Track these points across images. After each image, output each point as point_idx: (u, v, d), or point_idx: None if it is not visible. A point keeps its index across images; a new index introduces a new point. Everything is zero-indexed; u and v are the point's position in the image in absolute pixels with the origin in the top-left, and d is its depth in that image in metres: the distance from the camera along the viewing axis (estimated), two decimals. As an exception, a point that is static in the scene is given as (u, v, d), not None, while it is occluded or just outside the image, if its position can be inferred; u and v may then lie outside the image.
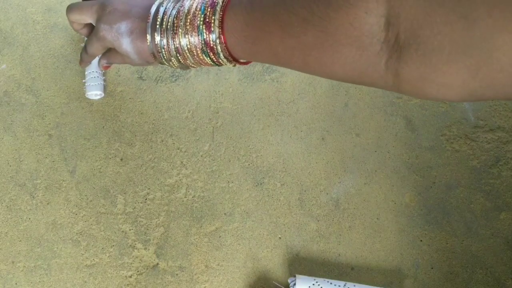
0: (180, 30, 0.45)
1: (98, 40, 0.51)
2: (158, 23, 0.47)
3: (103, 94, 0.63)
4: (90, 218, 0.58)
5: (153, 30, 0.47)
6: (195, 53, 0.46)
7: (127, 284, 0.55)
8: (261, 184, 0.60)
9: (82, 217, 0.58)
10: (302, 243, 0.57)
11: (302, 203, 0.59)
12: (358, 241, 0.58)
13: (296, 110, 0.64)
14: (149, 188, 0.60)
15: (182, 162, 0.61)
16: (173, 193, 0.59)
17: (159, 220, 0.58)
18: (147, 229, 0.58)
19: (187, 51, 0.46)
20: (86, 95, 0.62)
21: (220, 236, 0.58)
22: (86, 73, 0.63)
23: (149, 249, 0.57)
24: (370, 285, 0.55)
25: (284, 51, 0.40)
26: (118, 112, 0.64)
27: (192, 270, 0.56)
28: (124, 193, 0.59)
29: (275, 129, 0.63)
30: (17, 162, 0.60)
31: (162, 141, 0.62)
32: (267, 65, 0.67)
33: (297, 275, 0.54)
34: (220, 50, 0.44)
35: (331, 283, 0.53)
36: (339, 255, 0.57)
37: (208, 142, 0.62)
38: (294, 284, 0.53)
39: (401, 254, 0.57)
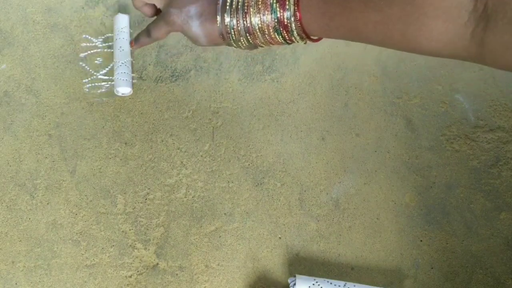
0: (251, 9, 0.46)
1: (166, 24, 0.51)
2: (228, 4, 0.47)
3: (132, 91, 0.63)
4: (90, 218, 0.58)
5: (223, 11, 0.47)
6: (266, 32, 0.46)
7: (127, 284, 0.55)
8: (261, 184, 0.60)
9: (82, 217, 0.58)
10: (302, 243, 0.57)
11: (302, 203, 0.59)
12: (358, 241, 0.58)
13: (296, 110, 0.64)
14: (149, 188, 0.60)
15: (182, 162, 0.61)
16: (173, 193, 0.59)
17: (159, 220, 0.58)
18: (147, 229, 0.58)
19: (258, 30, 0.46)
20: (115, 91, 0.63)
21: (220, 236, 0.58)
22: (115, 67, 0.63)
23: (149, 249, 0.57)
24: (370, 285, 0.55)
25: (365, 26, 0.40)
26: (118, 112, 0.63)
27: (192, 270, 0.56)
28: (124, 193, 0.59)
29: (275, 129, 0.63)
30: (17, 162, 0.60)
31: (162, 141, 0.62)
32: (267, 65, 0.67)
33: (297, 275, 0.54)
34: (294, 27, 0.44)
35: (331, 283, 0.53)
36: (339, 255, 0.57)
37: (208, 142, 0.62)
38: (294, 284, 0.53)
39: (401, 254, 0.57)
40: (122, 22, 0.66)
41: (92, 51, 0.67)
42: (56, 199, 0.59)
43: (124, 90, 0.62)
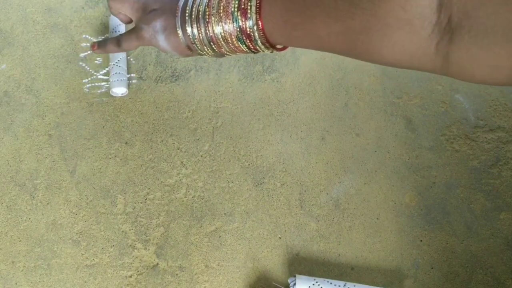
0: (213, 18, 0.45)
1: (137, 39, 0.52)
2: (187, 14, 0.46)
3: (127, 92, 0.63)
4: (90, 218, 0.58)
5: (183, 22, 0.47)
6: (229, 41, 0.45)
7: (127, 284, 0.55)
8: (261, 184, 0.60)
9: (82, 217, 0.58)
10: (302, 243, 0.57)
11: (302, 203, 0.59)
12: (358, 241, 0.58)
13: (296, 110, 0.64)
14: (149, 188, 0.60)
15: (182, 162, 0.61)
16: (173, 193, 0.59)
17: (159, 220, 0.58)
18: (147, 229, 0.58)
19: (221, 39, 0.45)
20: (111, 92, 0.63)
21: (220, 236, 0.58)
22: (110, 69, 0.63)
23: (149, 249, 0.57)
24: (370, 285, 0.55)
25: (328, 36, 0.39)
26: (118, 112, 0.64)
27: (192, 270, 0.56)
28: (124, 193, 0.59)
29: (275, 129, 0.63)
30: (17, 162, 0.60)
31: (162, 141, 0.62)
32: (267, 65, 0.67)
33: (297, 275, 0.54)
34: (257, 36, 0.43)
35: (331, 283, 0.53)
36: (339, 255, 0.57)
37: (208, 142, 0.62)
38: (294, 284, 0.53)
39: (401, 254, 0.57)
40: (116, 21, 0.66)
41: (92, 51, 0.67)
42: (56, 199, 0.59)
43: (117, 90, 0.63)
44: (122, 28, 0.66)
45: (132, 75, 0.65)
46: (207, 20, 0.45)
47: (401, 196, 0.60)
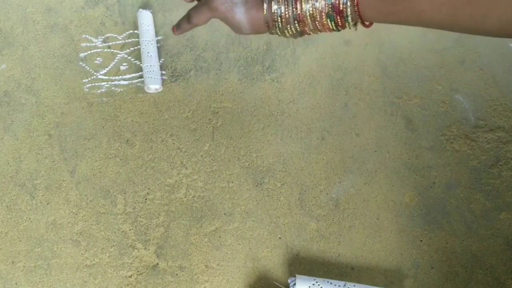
0: None
1: (209, 10, 0.50)
2: None
3: (161, 88, 0.64)
4: (90, 218, 0.58)
5: None
6: (318, 18, 0.45)
7: (127, 284, 0.55)
8: (261, 184, 0.60)
9: (82, 217, 0.58)
10: (302, 243, 0.57)
11: (302, 203, 0.59)
12: (358, 241, 0.58)
13: (296, 110, 0.64)
14: (149, 188, 0.60)
15: (182, 162, 0.61)
16: (173, 193, 0.59)
17: (159, 220, 0.58)
18: (147, 229, 0.58)
19: (308, 17, 0.45)
20: (145, 88, 0.63)
21: (220, 236, 0.58)
22: (143, 66, 0.64)
23: (149, 249, 0.57)
24: (370, 285, 0.55)
25: (431, 9, 0.39)
26: (118, 112, 0.63)
27: (192, 270, 0.56)
28: (124, 193, 0.59)
29: (275, 129, 0.63)
30: (17, 162, 0.60)
31: (162, 141, 0.62)
32: (267, 65, 0.67)
33: (297, 275, 0.54)
34: (349, 12, 0.43)
35: (331, 283, 0.53)
36: (339, 255, 0.57)
37: (208, 142, 0.62)
38: (294, 284, 0.53)
39: (401, 254, 0.57)
40: (146, 19, 0.66)
41: (92, 51, 0.67)
42: (56, 199, 0.59)
43: (152, 86, 0.63)
44: (151, 23, 0.66)
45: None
46: None
47: (401, 196, 0.60)
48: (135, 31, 0.68)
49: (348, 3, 0.43)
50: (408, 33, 0.69)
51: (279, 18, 0.47)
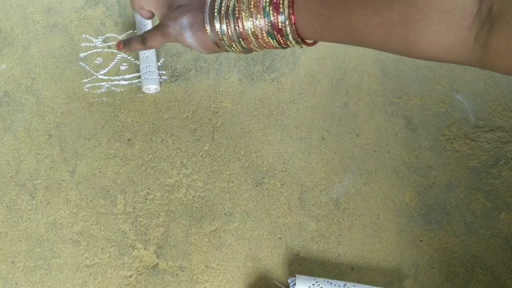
0: (243, 13, 0.44)
1: (163, 36, 0.51)
2: (216, 10, 0.46)
3: (159, 88, 0.64)
4: (90, 218, 0.58)
5: (212, 18, 0.47)
6: (259, 36, 0.45)
7: (127, 284, 0.55)
8: (261, 184, 0.60)
9: (82, 217, 0.58)
10: (302, 243, 0.57)
11: (302, 203, 0.59)
12: (358, 241, 0.58)
13: (296, 110, 0.64)
14: (149, 188, 0.60)
15: (182, 162, 0.61)
16: (173, 193, 0.59)
17: (159, 220, 0.58)
18: (147, 229, 0.58)
19: (251, 35, 0.45)
20: (143, 89, 0.64)
21: (220, 236, 0.58)
22: (141, 67, 0.64)
23: (149, 249, 0.57)
24: (370, 285, 0.55)
25: (364, 29, 0.39)
26: (118, 112, 0.64)
27: (192, 270, 0.56)
28: (124, 193, 0.59)
29: (275, 129, 0.63)
30: (17, 162, 0.60)
31: (162, 141, 0.62)
32: (267, 65, 0.67)
33: (297, 275, 0.54)
34: (289, 31, 0.43)
35: (331, 283, 0.53)
36: (339, 255, 0.57)
37: (208, 142, 0.62)
38: (294, 284, 0.53)
39: (401, 254, 0.57)
40: (143, 19, 0.67)
41: (92, 51, 0.67)
42: (56, 199, 0.59)
43: (150, 87, 0.63)
44: (149, 24, 0.66)
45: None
46: (237, 15, 0.45)
47: (401, 196, 0.60)
48: (135, 31, 0.68)
49: (286, 22, 0.42)
50: (408, 33, 0.69)
51: (224, 37, 0.47)
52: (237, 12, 0.45)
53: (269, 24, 0.43)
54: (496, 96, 0.65)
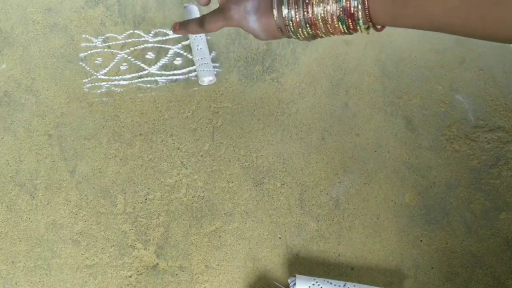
0: None
1: (224, 19, 0.51)
2: None
3: (215, 79, 0.65)
4: (90, 218, 0.58)
5: (280, 4, 0.47)
6: (329, 22, 0.45)
7: (127, 284, 0.55)
8: (261, 184, 0.60)
9: (82, 217, 0.58)
10: (302, 243, 0.57)
11: (302, 203, 0.59)
12: (358, 241, 0.58)
13: (296, 110, 0.64)
14: (149, 188, 0.60)
15: (182, 162, 0.61)
16: (173, 193, 0.59)
17: (159, 220, 0.58)
18: (147, 229, 0.58)
19: (320, 20, 0.45)
20: (199, 81, 0.64)
21: (220, 236, 0.58)
22: (195, 59, 0.65)
23: (149, 249, 0.57)
24: (370, 285, 0.55)
25: (441, 13, 0.38)
26: (118, 112, 0.64)
27: (192, 270, 0.56)
28: (124, 193, 0.59)
29: (275, 129, 0.63)
30: (17, 162, 0.60)
31: (162, 141, 0.62)
32: (267, 65, 0.67)
33: (297, 275, 0.54)
34: (361, 16, 0.43)
35: (331, 283, 0.53)
36: (339, 255, 0.57)
37: (208, 142, 0.62)
38: (294, 284, 0.53)
39: (401, 254, 0.57)
40: (194, 13, 0.67)
41: (92, 51, 0.67)
42: (56, 199, 0.59)
43: (206, 79, 0.64)
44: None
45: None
46: (307, 1, 0.45)
47: (401, 196, 0.60)
48: (135, 31, 0.68)
49: (359, 7, 0.43)
50: (408, 33, 0.69)
51: (290, 23, 0.47)
52: None
53: (341, 9, 0.43)
54: (496, 96, 0.65)
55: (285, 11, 0.46)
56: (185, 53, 0.67)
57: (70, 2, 0.70)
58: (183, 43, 0.68)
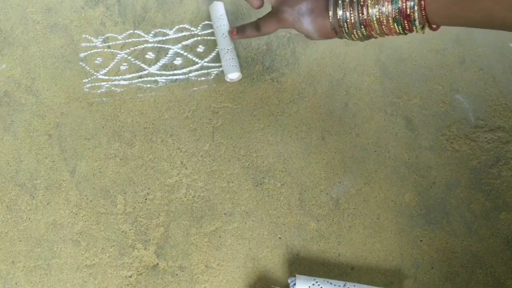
0: (369, 1, 0.45)
1: (278, 21, 0.52)
2: None
3: (241, 75, 0.65)
4: (90, 218, 0.58)
5: (335, 5, 0.47)
6: (384, 23, 0.45)
7: (127, 284, 0.55)
8: (261, 184, 0.60)
9: (82, 217, 0.58)
10: (302, 243, 0.57)
11: (302, 203, 0.59)
12: (358, 241, 0.58)
13: (296, 110, 0.64)
14: (149, 188, 0.60)
15: (182, 162, 0.61)
16: (173, 193, 0.59)
17: (159, 220, 0.58)
18: (147, 229, 0.58)
19: (375, 21, 0.46)
20: (226, 78, 0.64)
21: (220, 236, 0.58)
22: (221, 54, 0.65)
23: (149, 249, 0.57)
24: (370, 285, 0.55)
25: (501, 12, 0.38)
26: (118, 112, 0.64)
27: (192, 270, 0.56)
28: (124, 193, 0.59)
29: (275, 129, 0.63)
30: (17, 162, 0.60)
31: (162, 141, 0.62)
32: (267, 65, 0.67)
33: (297, 275, 0.54)
34: (417, 16, 0.43)
35: (331, 283, 0.53)
36: (339, 255, 0.57)
37: (208, 142, 0.62)
38: (294, 284, 0.53)
39: (401, 254, 0.57)
40: (219, 9, 0.67)
41: (92, 51, 0.67)
42: (56, 199, 0.59)
43: (233, 75, 0.64)
44: (224, 17, 0.67)
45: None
46: (362, 3, 0.45)
47: (401, 196, 0.60)
48: (135, 31, 0.68)
49: (416, 7, 0.43)
50: (408, 33, 0.69)
51: (345, 24, 0.47)
52: (362, 0, 0.45)
53: (397, 10, 0.44)
54: (496, 96, 0.65)
55: (340, 13, 0.47)
56: (185, 53, 0.67)
57: (70, 2, 0.70)
58: (183, 43, 0.68)
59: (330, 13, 0.48)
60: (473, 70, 0.67)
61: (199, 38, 0.68)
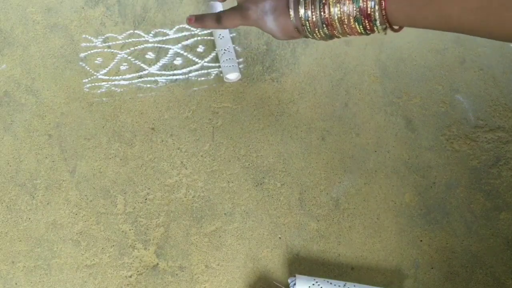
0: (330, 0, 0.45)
1: (242, 18, 0.51)
2: None
3: (240, 76, 0.65)
4: (90, 218, 0.58)
5: (296, 4, 0.47)
6: (346, 22, 0.45)
7: (127, 284, 0.55)
8: (261, 184, 0.60)
9: (82, 217, 0.58)
10: (302, 243, 0.57)
11: (302, 203, 0.59)
12: (358, 241, 0.58)
13: (296, 110, 0.64)
14: (149, 188, 0.60)
15: (182, 162, 0.61)
16: (173, 193, 0.59)
17: (159, 220, 0.58)
18: (147, 229, 0.58)
19: (336, 20, 0.45)
20: (224, 78, 0.64)
21: (220, 236, 0.58)
22: (219, 55, 0.65)
23: (149, 249, 0.57)
24: (370, 285, 0.55)
25: (460, 14, 0.38)
26: (118, 112, 0.64)
27: (192, 270, 0.56)
28: (124, 193, 0.59)
29: (275, 129, 0.63)
30: (17, 162, 0.60)
31: (162, 141, 0.62)
32: (267, 65, 0.67)
33: (297, 275, 0.54)
34: (378, 16, 0.43)
35: (331, 283, 0.53)
36: (339, 255, 0.57)
37: (208, 142, 0.62)
38: (294, 284, 0.53)
39: (401, 254, 0.57)
40: (217, 10, 0.67)
41: (92, 51, 0.67)
42: (56, 199, 0.59)
43: (232, 76, 0.64)
44: None
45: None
46: (324, 1, 0.45)
47: (401, 196, 0.60)
48: (135, 31, 0.68)
49: (376, 7, 0.43)
50: (408, 33, 0.69)
51: (307, 23, 0.47)
52: None
53: (357, 9, 0.44)
54: (496, 96, 0.65)
55: (301, 12, 0.47)
56: (185, 53, 0.67)
57: (70, 2, 0.70)
58: (183, 43, 0.68)
59: (292, 12, 0.47)
60: (473, 70, 0.67)
61: (199, 38, 0.68)
